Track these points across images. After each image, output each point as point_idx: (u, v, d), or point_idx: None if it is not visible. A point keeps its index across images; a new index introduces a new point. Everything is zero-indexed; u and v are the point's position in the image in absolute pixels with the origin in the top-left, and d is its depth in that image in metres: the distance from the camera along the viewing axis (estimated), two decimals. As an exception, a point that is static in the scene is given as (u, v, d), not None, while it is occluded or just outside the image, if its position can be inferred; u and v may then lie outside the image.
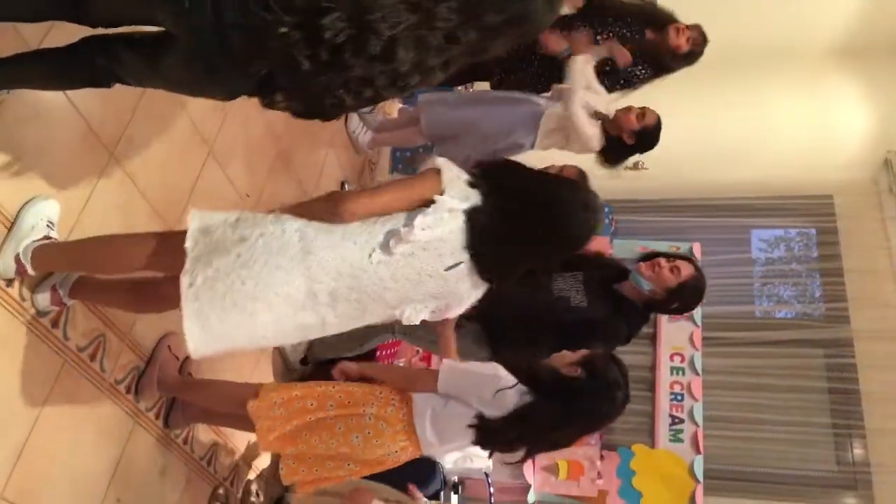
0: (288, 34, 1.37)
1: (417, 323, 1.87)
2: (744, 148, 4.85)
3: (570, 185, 2.05)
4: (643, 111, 3.38)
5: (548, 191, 1.89)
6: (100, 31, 1.69)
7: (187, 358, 2.68)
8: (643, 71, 3.63)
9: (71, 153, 2.17)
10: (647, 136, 3.39)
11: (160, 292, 1.96)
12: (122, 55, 1.67)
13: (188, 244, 1.73)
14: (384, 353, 3.56)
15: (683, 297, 2.86)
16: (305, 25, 1.37)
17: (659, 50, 3.57)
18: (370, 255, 1.72)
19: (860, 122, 4.81)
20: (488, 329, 2.76)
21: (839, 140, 4.79)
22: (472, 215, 1.77)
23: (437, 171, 1.81)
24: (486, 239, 1.77)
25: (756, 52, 4.89)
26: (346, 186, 4.04)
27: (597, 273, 2.90)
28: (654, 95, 3.61)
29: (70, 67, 1.73)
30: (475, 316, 2.37)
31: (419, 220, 1.73)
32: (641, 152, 3.50)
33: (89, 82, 1.75)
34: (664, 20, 3.63)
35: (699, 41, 3.57)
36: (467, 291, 1.86)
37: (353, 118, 4.02)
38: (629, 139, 3.36)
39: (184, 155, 2.70)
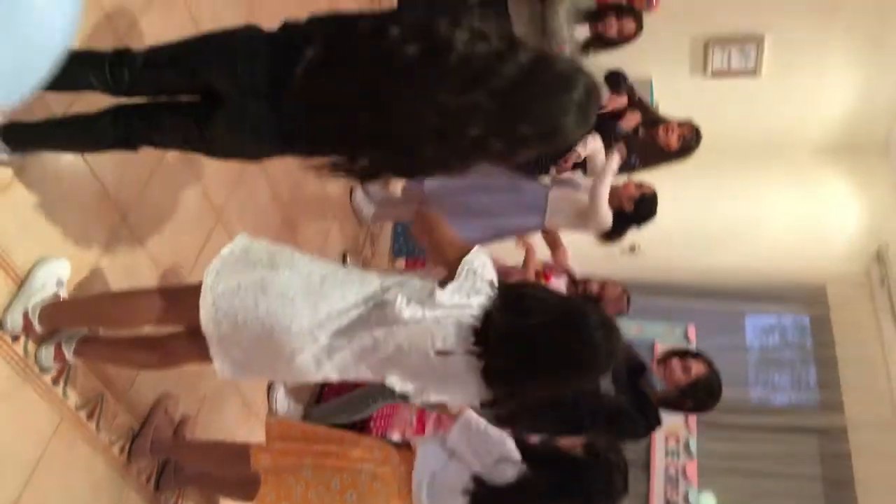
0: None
1: (398, 391, 1.84)
2: (739, 235, 4.97)
3: (587, 310, 1.77)
4: (640, 182, 3.50)
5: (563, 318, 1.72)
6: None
7: (182, 421, 2.69)
8: (635, 160, 3.77)
9: (85, 215, 2.25)
10: (646, 203, 3.46)
11: (171, 347, 2.01)
12: (163, 121, 1.79)
13: (224, 251, 1.84)
14: (378, 423, 3.57)
15: (696, 397, 2.85)
16: None
17: (651, 147, 3.73)
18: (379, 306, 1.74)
19: (852, 216, 4.94)
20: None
21: (832, 232, 4.91)
22: (488, 317, 1.69)
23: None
24: (498, 347, 1.68)
25: (753, 143, 5.07)
26: (348, 258, 4.11)
27: (624, 364, 2.89)
28: (652, 180, 3.72)
29: (103, 131, 1.84)
30: None
31: (451, 286, 1.70)
32: (640, 223, 3.54)
33: (120, 145, 1.86)
34: (655, 119, 3.81)
35: (690, 138, 3.71)
36: (461, 389, 1.78)
37: (358, 192, 4.13)
38: (629, 205, 3.43)
39: (194, 222, 2.78)
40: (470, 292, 1.71)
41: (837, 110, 4.95)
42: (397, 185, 4.49)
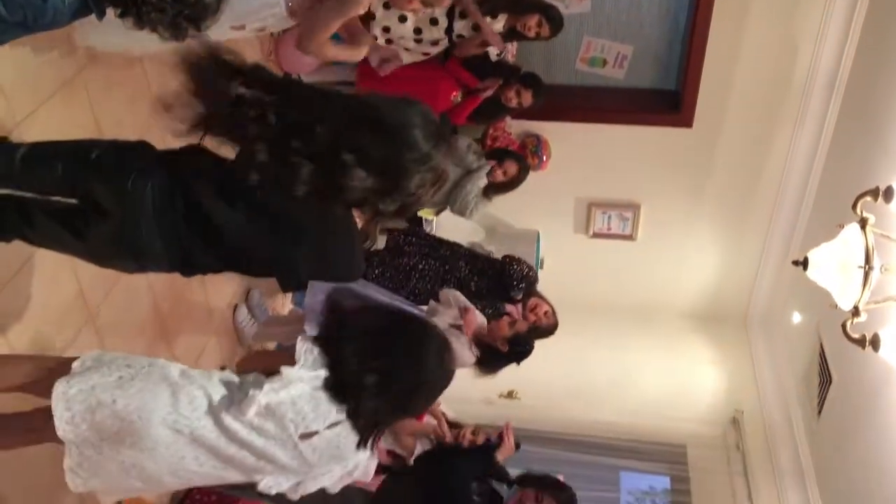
0: None
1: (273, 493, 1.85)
2: (613, 391, 5.15)
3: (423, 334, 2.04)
4: (514, 321, 3.50)
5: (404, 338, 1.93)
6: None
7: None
8: None
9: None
10: (520, 342, 3.44)
11: (31, 424, 1.90)
12: (36, 219, 1.83)
13: (76, 364, 1.77)
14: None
15: None
16: None
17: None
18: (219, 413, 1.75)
19: (712, 381, 5.25)
20: None
21: (694, 395, 5.17)
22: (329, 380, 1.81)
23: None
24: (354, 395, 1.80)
25: (627, 303, 5.42)
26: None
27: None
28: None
29: None
30: None
31: (266, 386, 1.76)
32: (517, 361, 3.51)
33: None
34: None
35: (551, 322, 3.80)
36: (348, 457, 1.88)
37: (242, 309, 4.14)
38: (503, 346, 3.40)
39: (62, 318, 2.74)
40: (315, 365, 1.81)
41: (701, 282, 5.40)
42: (284, 306, 4.53)
